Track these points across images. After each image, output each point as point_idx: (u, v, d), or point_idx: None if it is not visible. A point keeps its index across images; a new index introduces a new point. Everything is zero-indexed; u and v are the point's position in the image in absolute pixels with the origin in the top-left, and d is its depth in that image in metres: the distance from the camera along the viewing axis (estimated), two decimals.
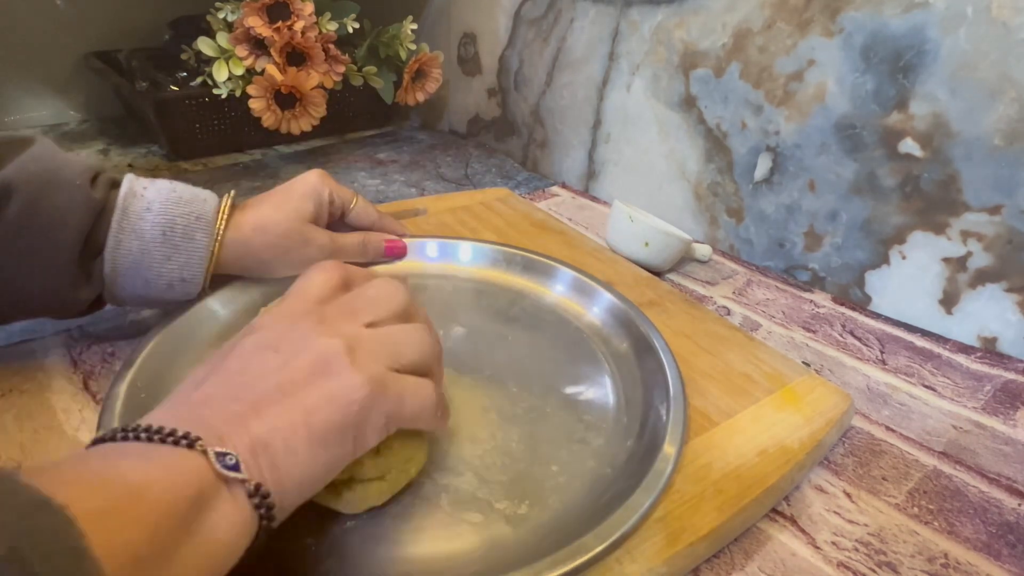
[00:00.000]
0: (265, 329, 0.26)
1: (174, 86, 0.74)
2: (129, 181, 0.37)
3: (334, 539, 0.28)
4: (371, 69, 0.77)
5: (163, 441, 0.21)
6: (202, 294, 0.41)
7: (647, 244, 0.53)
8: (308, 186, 0.44)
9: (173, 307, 0.40)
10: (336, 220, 0.47)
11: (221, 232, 0.39)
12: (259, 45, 0.68)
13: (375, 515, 0.29)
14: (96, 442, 0.22)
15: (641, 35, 0.63)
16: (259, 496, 0.22)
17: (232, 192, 0.41)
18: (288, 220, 0.42)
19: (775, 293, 0.54)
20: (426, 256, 0.50)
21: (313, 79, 0.68)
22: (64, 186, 0.34)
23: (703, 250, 0.58)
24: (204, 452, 0.21)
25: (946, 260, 0.47)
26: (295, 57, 0.68)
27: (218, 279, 0.41)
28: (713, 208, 0.61)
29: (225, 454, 0.21)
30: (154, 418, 0.23)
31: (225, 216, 0.39)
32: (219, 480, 0.21)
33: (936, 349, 0.48)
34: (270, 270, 0.43)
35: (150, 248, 0.36)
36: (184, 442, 0.21)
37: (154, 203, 0.37)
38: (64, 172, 0.35)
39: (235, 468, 0.21)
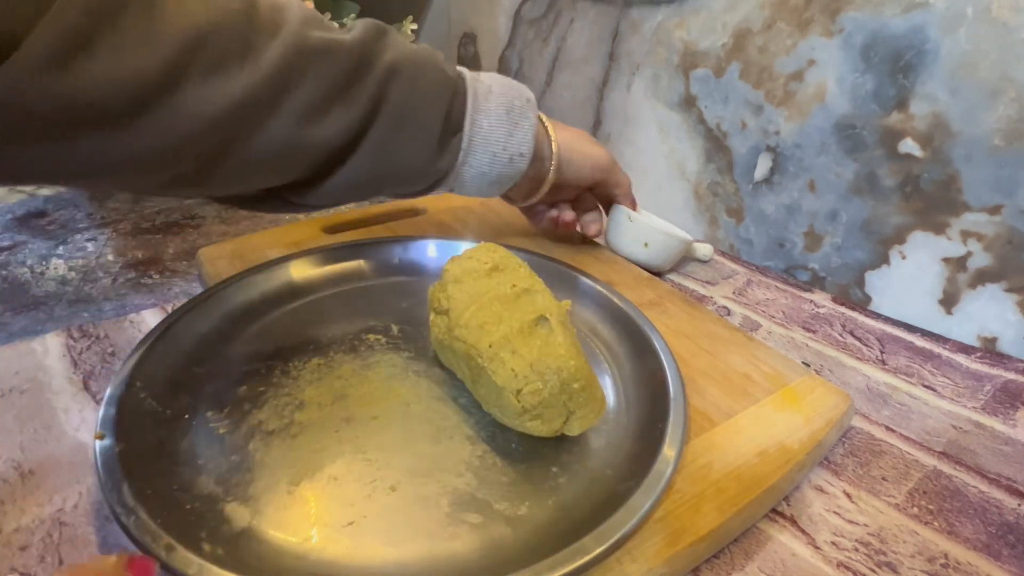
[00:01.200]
0: None
1: None
2: (462, 68, 0.42)
3: (334, 538, 0.28)
4: None
5: None
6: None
7: (647, 245, 0.53)
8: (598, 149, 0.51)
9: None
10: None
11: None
12: None
13: (374, 515, 0.29)
14: None
15: (641, 35, 0.63)
16: None
17: None
18: (597, 143, 0.50)
19: (775, 293, 0.54)
20: (426, 256, 0.50)
21: None
22: (430, 68, 0.39)
23: (704, 250, 0.58)
24: None
25: (946, 260, 0.47)
26: None
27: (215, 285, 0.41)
28: (713, 208, 0.61)
29: None
30: None
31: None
32: None
33: (936, 349, 0.48)
34: (570, 167, 0.48)
35: (496, 126, 0.42)
36: None
37: (493, 87, 0.42)
38: (424, 55, 0.39)
39: None
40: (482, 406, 0.35)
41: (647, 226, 0.53)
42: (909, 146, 0.47)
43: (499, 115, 0.42)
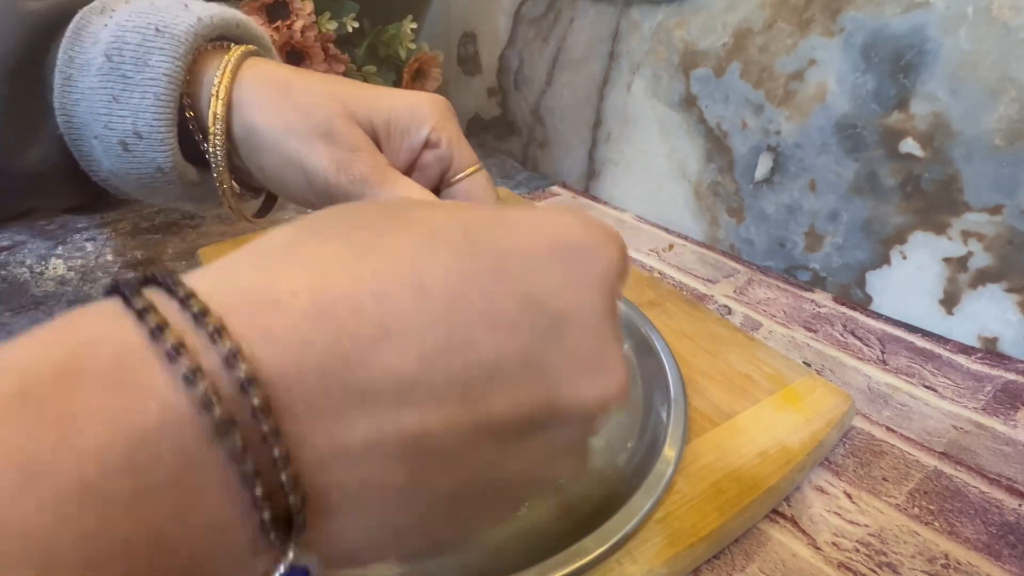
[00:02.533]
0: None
1: None
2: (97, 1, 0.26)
3: None
4: (371, 69, 0.77)
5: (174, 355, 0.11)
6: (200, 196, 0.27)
7: None
8: (413, 97, 0.27)
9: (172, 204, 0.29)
10: (414, 170, 0.28)
11: (199, 55, 0.25)
12: None
13: None
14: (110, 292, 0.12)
15: (641, 35, 0.63)
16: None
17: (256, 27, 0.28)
18: (328, 100, 0.26)
19: (776, 292, 0.54)
20: None
21: None
22: None
23: None
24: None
25: (947, 260, 0.47)
26: (294, 56, 0.68)
27: None
28: (713, 208, 0.61)
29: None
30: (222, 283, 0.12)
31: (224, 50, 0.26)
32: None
33: (937, 349, 0.48)
34: (256, 162, 0.27)
35: (97, 86, 0.24)
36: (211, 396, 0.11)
37: (118, 15, 0.25)
38: None
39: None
40: None
41: None
42: (909, 146, 0.47)
43: (100, 66, 0.24)
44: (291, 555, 0.12)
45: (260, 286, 0.12)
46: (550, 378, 0.14)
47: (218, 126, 0.25)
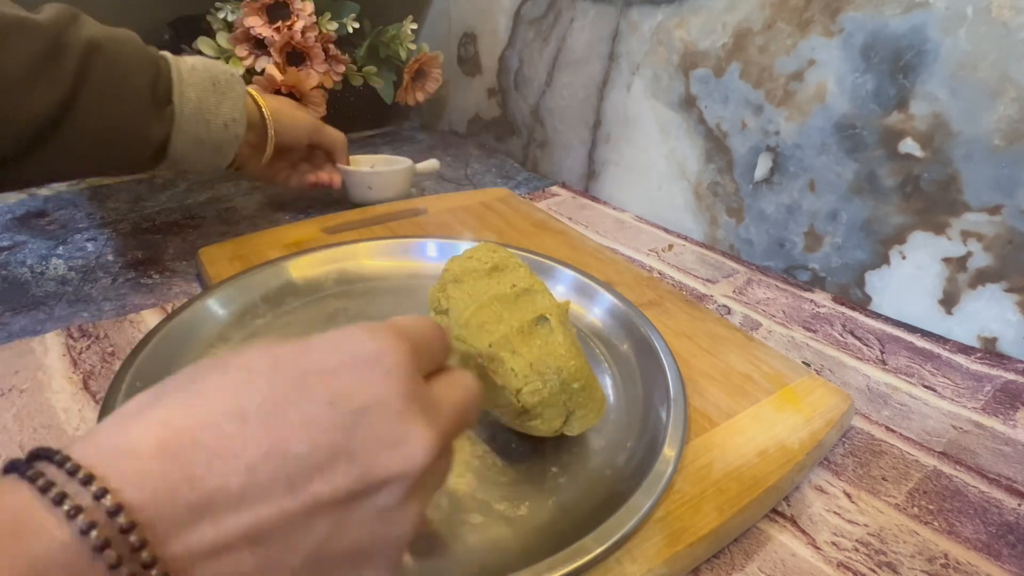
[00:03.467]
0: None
1: None
2: (164, 52, 0.46)
3: None
4: (371, 69, 0.77)
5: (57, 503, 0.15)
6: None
7: (370, 187, 0.62)
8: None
9: (216, 171, 0.52)
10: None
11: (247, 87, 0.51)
12: (259, 45, 0.68)
13: None
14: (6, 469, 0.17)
15: (641, 35, 0.63)
16: None
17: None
18: (288, 99, 0.58)
19: (775, 292, 0.54)
20: (426, 256, 0.50)
21: (313, 79, 0.68)
22: (131, 44, 0.43)
23: (428, 164, 0.67)
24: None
25: (946, 260, 0.47)
26: (295, 57, 0.68)
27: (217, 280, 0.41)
28: (713, 208, 0.61)
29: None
30: (101, 443, 0.17)
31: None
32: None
33: (936, 349, 0.48)
34: (286, 129, 0.55)
35: (205, 96, 0.46)
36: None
37: (196, 64, 0.46)
38: (124, 35, 0.43)
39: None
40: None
41: (362, 173, 0.62)
42: (909, 146, 0.47)
43: (205, 86, 0.46)
44: None
45: (119, 442, 0.16)
46: (358, 457, 0.18)
47: (266, 112, 0.53)
